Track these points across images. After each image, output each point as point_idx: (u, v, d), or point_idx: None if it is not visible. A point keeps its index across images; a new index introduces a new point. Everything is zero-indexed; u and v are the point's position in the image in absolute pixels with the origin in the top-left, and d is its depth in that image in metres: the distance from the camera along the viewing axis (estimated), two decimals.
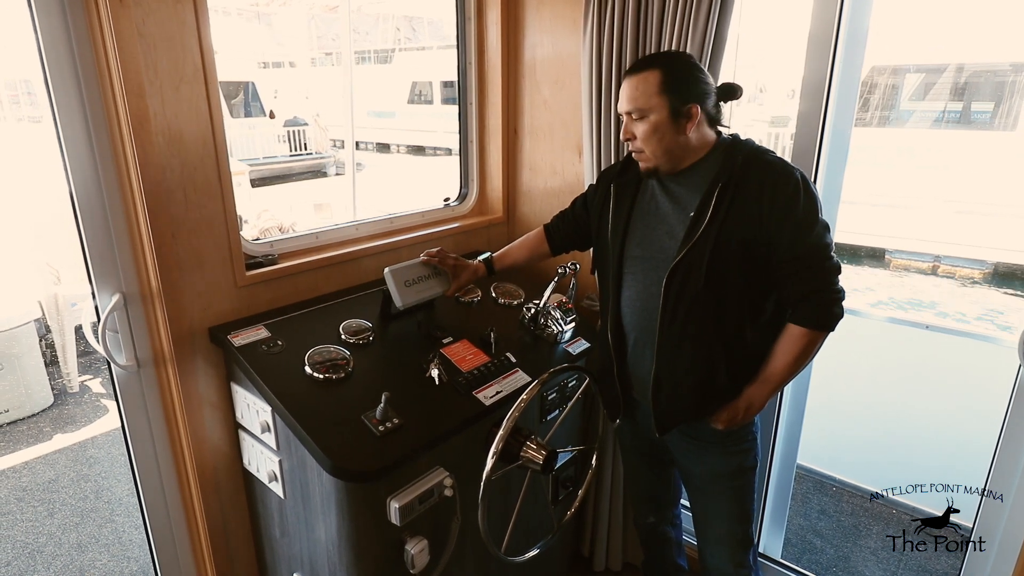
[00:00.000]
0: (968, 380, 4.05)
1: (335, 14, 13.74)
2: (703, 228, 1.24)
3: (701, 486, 1.50)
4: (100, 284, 1.36)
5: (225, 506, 1.61)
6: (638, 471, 1.69)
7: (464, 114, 2.17)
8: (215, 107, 1.38)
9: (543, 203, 2.15)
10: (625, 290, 1.41)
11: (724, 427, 1.36)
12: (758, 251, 1.24)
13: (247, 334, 1.46)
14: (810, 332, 1.27)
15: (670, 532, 1.76)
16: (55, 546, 2.41)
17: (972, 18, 8.02)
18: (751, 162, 1.25)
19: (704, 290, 1.26)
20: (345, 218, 1.89)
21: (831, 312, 1.25)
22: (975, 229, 7.71)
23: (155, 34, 1.26)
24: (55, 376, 3.66)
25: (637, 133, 1.28)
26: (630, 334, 1.42)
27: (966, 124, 8.59)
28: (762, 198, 1.22)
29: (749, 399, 1.34)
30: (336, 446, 1.24)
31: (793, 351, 1.29)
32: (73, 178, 1.29)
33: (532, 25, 2.00)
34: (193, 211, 1.40)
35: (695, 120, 1.25)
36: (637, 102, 1.26)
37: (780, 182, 1.22)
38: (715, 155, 1.29)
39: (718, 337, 1.31)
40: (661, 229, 1.34)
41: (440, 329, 1.66)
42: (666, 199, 1.35)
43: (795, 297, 1.27)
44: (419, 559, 1.35)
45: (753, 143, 1.31)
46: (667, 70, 1.24)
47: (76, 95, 1.25)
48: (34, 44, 1.21)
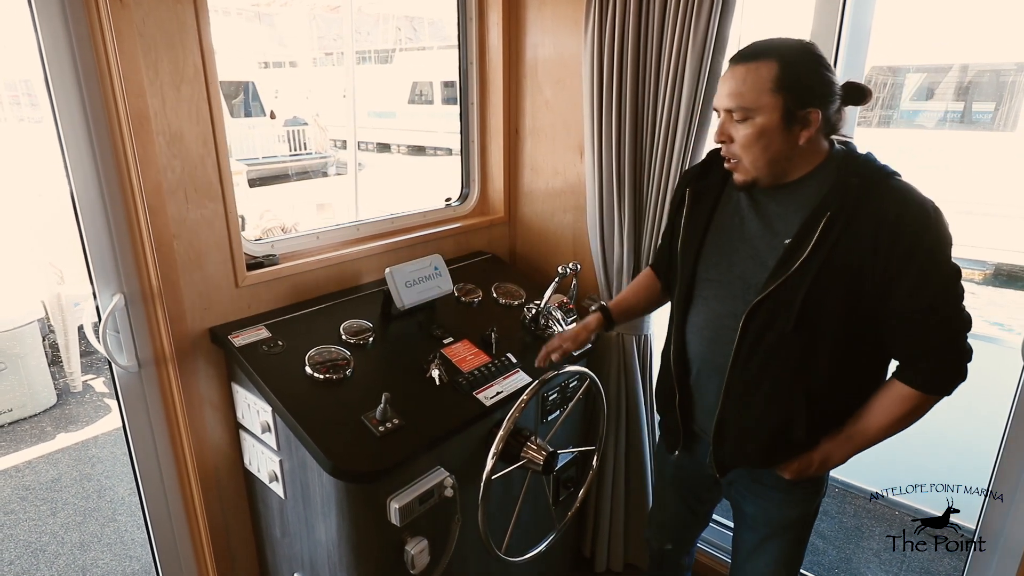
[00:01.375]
0: (971, 381, 4.04)
1: (336, 14, 13.75)
2: (802, 261, 1.03)
3: (754, 527, 1.32)
4: (101, 284, 1.36)
5: (226, 506, 1.61)
6: (672, 504, 1.53)
7: (466, 114, 2.16)
8: (216, 107, 1.38)
9: (544, 203, 2.15)
10: (693, 315, 1.23)
11: (793, 478, 1.19)
12: (867, 294, 1.02)
13: (248, 334, 1.46)
14: (921, 396, 1.06)
15: (684, 561, 1.63)
16: (58, 545, 2.41)
17: (973, 17, 7.99)
18: (871, 187, 1.02)
19: (793, 332, 1.06)
20: (347, 218, 1.88)
21: (953, 375, 1.05)
22: (976, 230, 7.69)
23: (155, 34, 1.26)
24: (58, 376, 3.67)
25: (736, 137, 1.06)
26: (694, 363, 1.25)
27: (967, 124, 8.57)
28: (880, 233, 0.99)
29: (826, 454, 1.16)
30: (336, 447, 1.24)
31: (895, 413, 1.09)
32: (74, 178, 1.29)
33: (533, 25, 2.00)
34: (194, 211, 1.40)
35: (813, 128, 1.02)
36: (743, 99, 1.02)
37: (906, 214, 0.99)
38: (825, 171, 1.07)
39: (800, 387, 1.11)
40: (744, 252, 1.14)
41: (441, 329, 1.66)
42: (755, 217, 1.14)
43: (910, 353, 1.07)
44: (419, 559, 1.35)
45: (874, 159, 1.07)
46: (786, 63, 1.00)
47: (76, 95, 1.25)
48: (35, 45, 1.21)
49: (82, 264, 1.37)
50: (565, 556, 2.07)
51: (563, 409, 1.70)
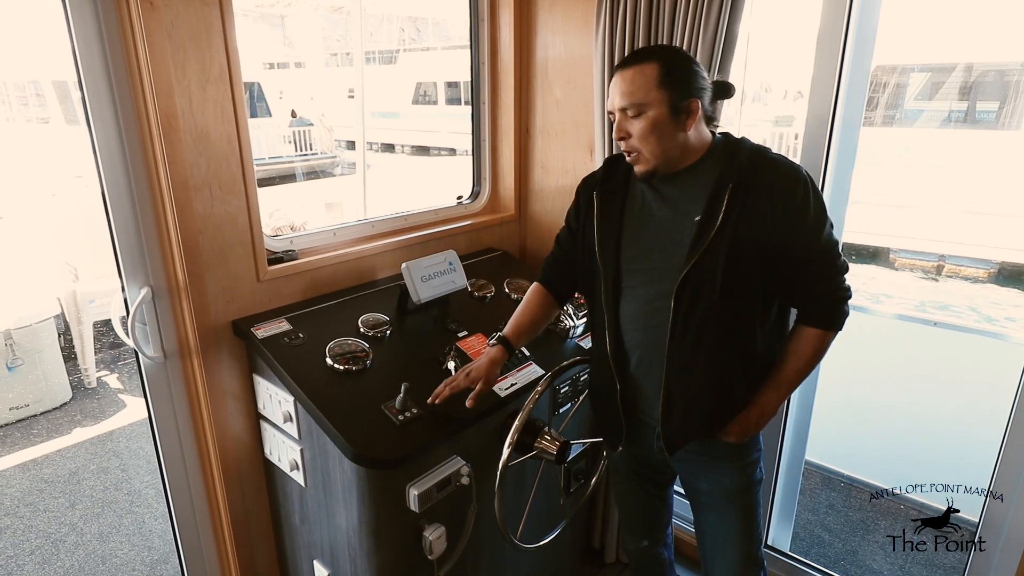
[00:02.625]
0: (975, 377, 4.06)
1: (339, 15, 13.81)
2: (714, 232, 1.16)
3: (710, 504, 1.41)
4: (129, 278, 1.41)
5: (247, 495, 1.66)
6: (633, 496, 1.59)
7: (477, 114, 2.20)
8: (240, 106, 1.43)
9: (554, 201, 2.19)
10: (624, 305, 1.30)
11: (737, 440, 1.30)
12: (772, 254, 1.18)
13: (270, 327, 1.51)
14: (823, 333, 1.24)
15: (663, 554, 1.67)
16: (77, 536, 2.47)
17: (977, 17, 7.99)
18: (757, 162, 1.19)
19: (720, 298, 1.18)
20: (356, 217, 1.92)
21: (842, 311, 1.24)
22: (980, 228, 7.69)
23: (183, 35, 1.31)
24: (72, 372, 3.73)
25: (633, 131, 1.19)
26: (632, 352, 1.31)
27: (971, 123, 8.57)
28: (774, 199, 1.16)
29: (761, 407, 1.29)
30: (357, 435, 1.29)
31: (806, 353, 1.25)
32: (104, 175, 1.33)
33: (544, 25, 2.04)
34: (218, 207, 1.44)
35: (696, 116, 1.18)
36: (634, 96, 1.17)
37: (791, 181, 1.17)
38: (714, 155, 1.22)
39: (735, 348, 1.24)
40: (659, 237, 1.26)
41: (455, 323, 1.70)
42: (661, 205, 1.26)
43: (806, 298, 1.24)
44: (437, 545, 1.39)
45: (749, 141, 1.25)
46: (665, 63, 1.16)
47: (108, 95, 1.29)
48: (68, 46, 1.25)
49: (95, 262, 1.41)
50: (575, 547, 2.11)
51: (574, 402, 1.74)
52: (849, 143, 1.66)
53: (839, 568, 2.27)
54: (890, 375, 4.31)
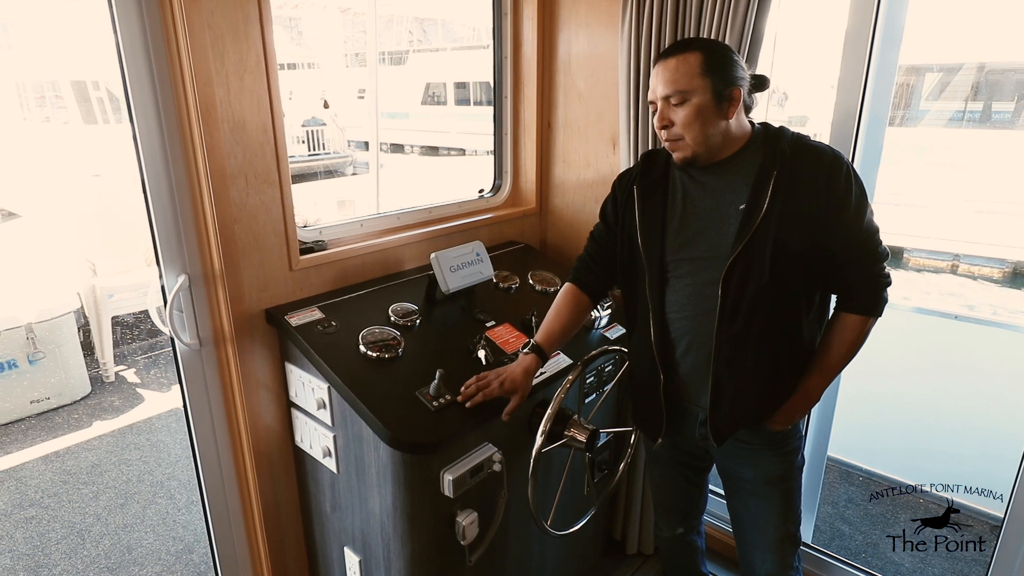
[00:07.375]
0: (997, 370, 4.04)
1: (347, 16, 13.89)
2: (760, 219, 1.18)
3: (753, 490, 1.41)
4: (167, 265, 1.43)
5: (278, 483, 1.68)
6: (672, 483, 1.61)
7: (499, 108, 2.22)
8: (275, 97, 1.45)
9: (576, 195, 2.20)
10: (671, 295, 1.32)
11: (782, 427, 1.33)
12: (817, 239, 1.19)
13: (302, 315, 1.52)
14: (864, 319, 1.25)
15: (697, 541, 1.70)
16: (102, 526, 2.49)
17: (993, 18, 7.95)
18: (799, 149, 1.21)
19: (769, 284, 1.19)
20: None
21: (882, 297, 1.25)
22: (995, 228, 7.66)
23: (222, 26, 1.33)
24: (91, 366, 3.77)
25: (676, 119, 1.21)
26: (679, 341, 1.32)
27: (986, 123, 8.52)
28: (817, 185, 1.17)
29: (807, 393, 1.30)
30: (393, 420, 1.30)
31: (849, 339, 1.26)
32: (144, 163, 1.35)
33: (567, 20, 2.05)
34: (253, 196, 1.46)
35: (737, 104, 1.20)
36: (678, 84, 1.18)
37: (834, 168, 1.18)
38: (755, 144, 1.24)
39: (782, 334, 1.25)
40: (704, 226, 1.27)
41: (484, 313, 1.71)
42: (704, 195, 1.28)
43: (849, 285, 1.25)
44: (469, 531, 1.40)
45: (789, 130, 1.26)
46: (708, 52, 1.19)
47: (149, 83, 1.32)
48: (111, 39, 1.28)
49: (113, 257, 1.43)
50: (597, 539, 2.12)
51: (600, 392, 1.75)
52: (875, 141, 1.67)
53: (860, 560, 2.26)
54: (908, 368, 4.30)
